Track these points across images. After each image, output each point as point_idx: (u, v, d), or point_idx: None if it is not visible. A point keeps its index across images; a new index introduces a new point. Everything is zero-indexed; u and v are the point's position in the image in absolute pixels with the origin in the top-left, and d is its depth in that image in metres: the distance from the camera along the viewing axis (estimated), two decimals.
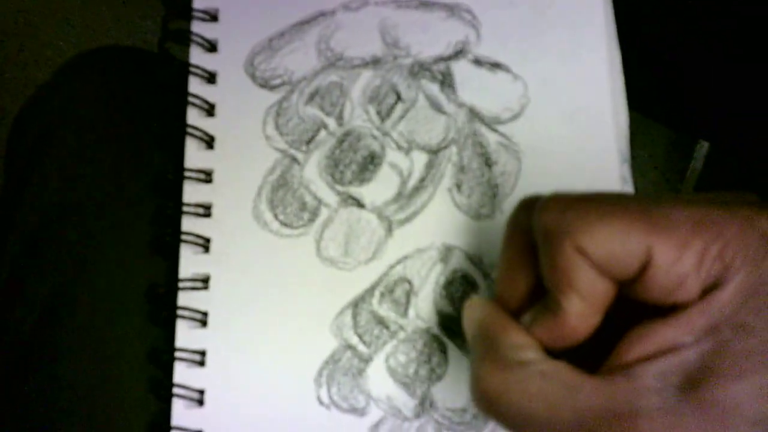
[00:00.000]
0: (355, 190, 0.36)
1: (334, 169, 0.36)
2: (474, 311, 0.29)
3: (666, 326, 0.23)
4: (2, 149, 0.43)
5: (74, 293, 0.36)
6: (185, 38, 0.37)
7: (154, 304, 0.35)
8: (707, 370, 0.22)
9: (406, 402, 0.34)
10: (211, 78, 0.37)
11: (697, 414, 0.22)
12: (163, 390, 0.33)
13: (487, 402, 0.25)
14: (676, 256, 0.23)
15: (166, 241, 0.35)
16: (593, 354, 0.25)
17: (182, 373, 0.34)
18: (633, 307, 0.25)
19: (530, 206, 0.27)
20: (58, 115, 0.40)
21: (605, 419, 0.23)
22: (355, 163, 0.36)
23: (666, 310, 0.24)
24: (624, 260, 0.23)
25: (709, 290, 0.23)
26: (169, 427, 0.33)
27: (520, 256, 0.28)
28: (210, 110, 0.37)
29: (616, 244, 0.23)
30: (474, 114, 0.37)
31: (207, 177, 0.36)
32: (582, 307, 0.25)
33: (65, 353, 0.36)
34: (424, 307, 0.35)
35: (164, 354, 0.34)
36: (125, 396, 0.35)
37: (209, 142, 0.36)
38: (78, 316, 0.36)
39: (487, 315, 0.28)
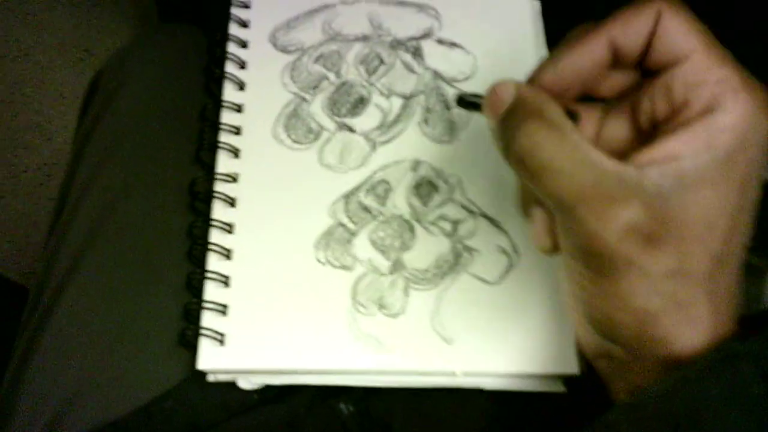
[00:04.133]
0: (349, 121, 0.49)
1: (333, 106, 0.50)
2: (507, 87, 0.33)
3: (674, 140, 0.29)
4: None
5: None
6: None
7: (192, 196, 0.47)
8: (696, 178, 0.28)
9: (382, 263, 0.45)
10: (243, 44, 0.51)
11: (678, 205, 0.28)
12: (199, 239, 0.45)
13: (521, 154, 0.30)
14: (708, 64, 0.29)
15: (206, 150, 0.48)
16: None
17: (216, 237, 0.45)
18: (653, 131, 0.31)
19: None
20: (124, 80, 0.54)
21: (617, 183, 0.29)
22: (349, 102, 0.50)
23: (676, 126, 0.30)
24: (639, 27, 0.30)
25: (715, 109, 0.29)
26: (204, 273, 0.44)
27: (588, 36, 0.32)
28: (242, 65, 0.51)
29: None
30: (437, 75, 0.51)
31: (239, 108, 0.49)
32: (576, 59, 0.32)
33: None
34: (398, 201, 0.47)
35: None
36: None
37: (241, 85, 0.50)
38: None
39: (528, 90, 0.32)
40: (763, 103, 0.29)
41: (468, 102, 0.37)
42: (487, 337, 0.43)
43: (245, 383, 0.43)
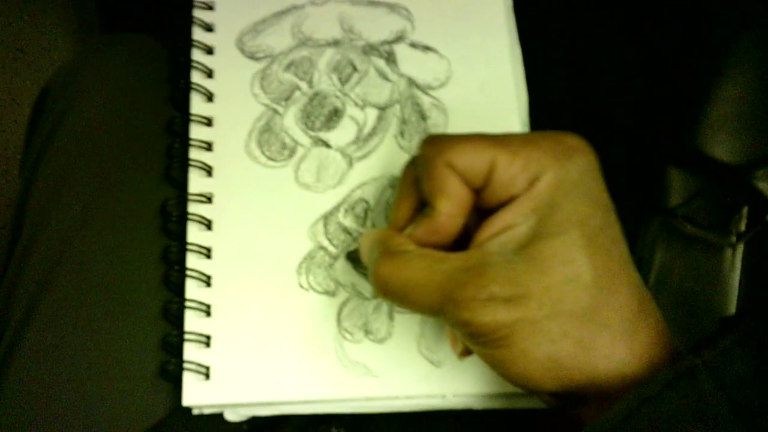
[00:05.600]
0: (324, 135, 0.48)
1: (306, 119, 0.48)
2: (369, 234, 0.39)
3: (504, 213, 0.33)
4: None
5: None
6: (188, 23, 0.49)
7: (164, 218, 0.46)
8: (533, 236, 0.32)
9: (365, 286, 0.45)
10: (209, 50, 0.49)
11: (525, 261, 0.32)
12: (176, 265, 0.44)
13: (382, 285, 0.35)
14: (510, 160, 0.33)
15: (176, 169, 0.46)
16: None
17: (193, 262, 0.44)
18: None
19: (412, 160, 0.39)
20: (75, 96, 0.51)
21: (464, 271, 0.32)
22: (323, 115, 0.48)
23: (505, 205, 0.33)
24: (477, 168, 0.33)
25: (531, 184, 0.33)
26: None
27: (407, 190, 0.38)
28: (210, 73, 0.48)
29: (472, 156, 0.33)
30: (412, 82, 0.50)
31: (208, 122, 0.47)
32: (450, 208, 0.34)
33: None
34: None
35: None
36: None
37: (210, 96, 0.48)
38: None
39: (379, 232, 0.38)
40: (561, 152, 0.33)
41: (354, 257, 0.45)
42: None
43: (232, 416, 0.43)
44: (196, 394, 0.42)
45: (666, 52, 0.54)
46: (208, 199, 0.46)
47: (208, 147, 0.47)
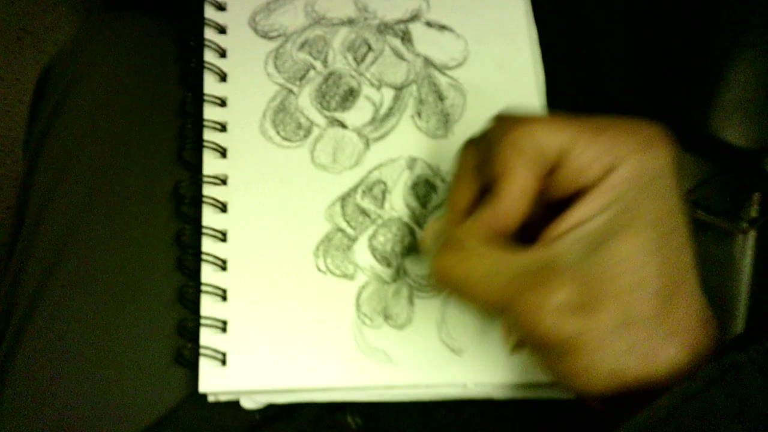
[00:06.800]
0: (339, 115, 0.47)
1: (322, 99, 0.47)
2: (432, 226, 0.39)
3: (576, 208, 0.31)
4: None
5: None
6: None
7: (178, 201, 0.44)
8: (606, 234, 0.30)
9: (384, 270, 0.44)
10: (222, 30, 0.48)
11: (598, 264, 0.30)
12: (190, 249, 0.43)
13: (440, 279, 0.34)
14: (585, 146, 0.31)
15: (189, 150, 0.45)
16: None
17: (208, 245, 0.43)
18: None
19: (472, 141, 0.37)
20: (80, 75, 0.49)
21: (532, 273, 0.31)
22: (338, 95, 0.47)
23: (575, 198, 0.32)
24: (549, 151, 0.32)
25: (606, 174, 0.31)
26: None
27: (466, 174, 0.37)
28: (222, 53, 0.47)
29: (544, 138, 0.32)
30: (428, 62, 0.48)
31: (222, 102, 0.46)
32: (515, 191, 0.33)
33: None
34: (396, 202, 0.45)
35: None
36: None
37: (223, 76, 0.47)
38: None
39: (442, 223, 0.38)
40: (641, 143, 0.31)
41: (414, 248, 0.44)
42: (496, 346, 0.43)
43: (249, 403, 0.42)
44: (213, 381, 0.41)
45: (677, 34, 0.53)
46: (223, 182, 0.45)
47: (222, 128, 0.46)
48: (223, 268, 0.43)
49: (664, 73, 0.53)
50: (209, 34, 0.48)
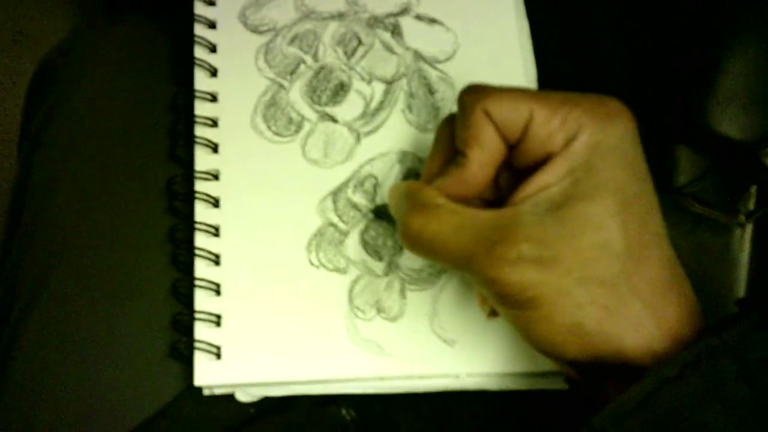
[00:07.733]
0: (330, 110, 0.47)
1: (312, 93, 0.47)
2: (398, 187, 0.38)
3: (540, 174, 0.32)
4: None
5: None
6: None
7: (171, 197, 0.45)
8: (566, 198, 0.32)
9: (377, 264, 0.44)
10: (212, 25, 0.48)
11: (557, 223, 0.31)
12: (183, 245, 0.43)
13: (411, 239, 0.35)
14: (548, 116, 0.32)
15: (182, 146, 0.45)
16: None
17: (202, 240, 0.43)
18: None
19: (452, 118, 0.38)
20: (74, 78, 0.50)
21: (495, 228, 0.32)
22: (329, 89, 0.48)
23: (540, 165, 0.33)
24: (514, 119, 0.33)
25: (568, 143, 0.32)
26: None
27: (442, 144, 0.38)
28: (213, 48, 0.47)
29: (510, 107, 0.33)
30: (418, 55, 0.49)
31: (213, 98, 0.46)
32: (482, 157, 0.34)
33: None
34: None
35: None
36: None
37: (213, 72, 0.47)
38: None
39: (409, 184, 0.37)
40: (602, 114, 0.33)
41: (382, 212, 0.45)
42: (489, 336, 0.43)
43: (244, 396, 0.42)
44: (208, 374, 0.42)
45: (672, 27, 0.53)
46: (215, 177, 0.45)
47: (214, 123, 0.46)
48: (217, 263, 0.44)
49: (660, 66, 0.53)
50: (199, 29, 0.48)
